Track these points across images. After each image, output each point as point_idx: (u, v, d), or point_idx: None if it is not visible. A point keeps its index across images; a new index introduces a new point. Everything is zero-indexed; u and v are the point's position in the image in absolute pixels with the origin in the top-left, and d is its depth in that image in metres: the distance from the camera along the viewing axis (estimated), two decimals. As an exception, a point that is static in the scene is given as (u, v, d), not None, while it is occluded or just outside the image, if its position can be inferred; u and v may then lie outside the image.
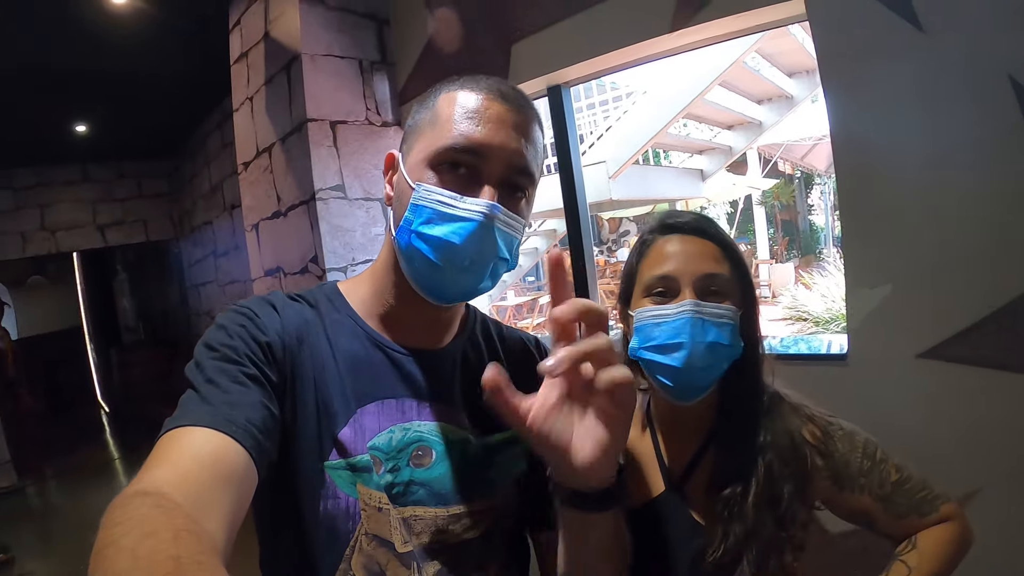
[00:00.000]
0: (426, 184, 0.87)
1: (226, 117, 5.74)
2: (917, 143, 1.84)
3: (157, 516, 0.56)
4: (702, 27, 2.29)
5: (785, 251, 16.94)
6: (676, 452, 1.11)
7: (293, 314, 0.93)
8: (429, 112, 0.92)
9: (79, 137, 6.61)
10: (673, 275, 1.03)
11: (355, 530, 0.88)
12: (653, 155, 11.66)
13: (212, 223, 6.71)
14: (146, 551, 0.50)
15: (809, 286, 8.90)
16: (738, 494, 0.99)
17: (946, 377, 1.82)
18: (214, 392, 0.77)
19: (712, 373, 1.03)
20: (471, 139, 0.86)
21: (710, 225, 1.08)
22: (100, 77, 5.01)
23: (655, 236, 1.10)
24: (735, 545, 0.96)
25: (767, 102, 9.07)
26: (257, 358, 0.84)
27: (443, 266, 0.86)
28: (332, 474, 0.87)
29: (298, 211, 3.23)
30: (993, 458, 1.77)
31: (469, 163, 0.87)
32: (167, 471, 0.66)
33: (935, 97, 1.80)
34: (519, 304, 11.83)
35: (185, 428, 0.72)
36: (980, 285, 1.76)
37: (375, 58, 3.43)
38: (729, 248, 1.07)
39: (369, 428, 0.90)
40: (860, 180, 1.97)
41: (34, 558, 4.81)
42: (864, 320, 1.98)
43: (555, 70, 2.83)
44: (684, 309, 1.00)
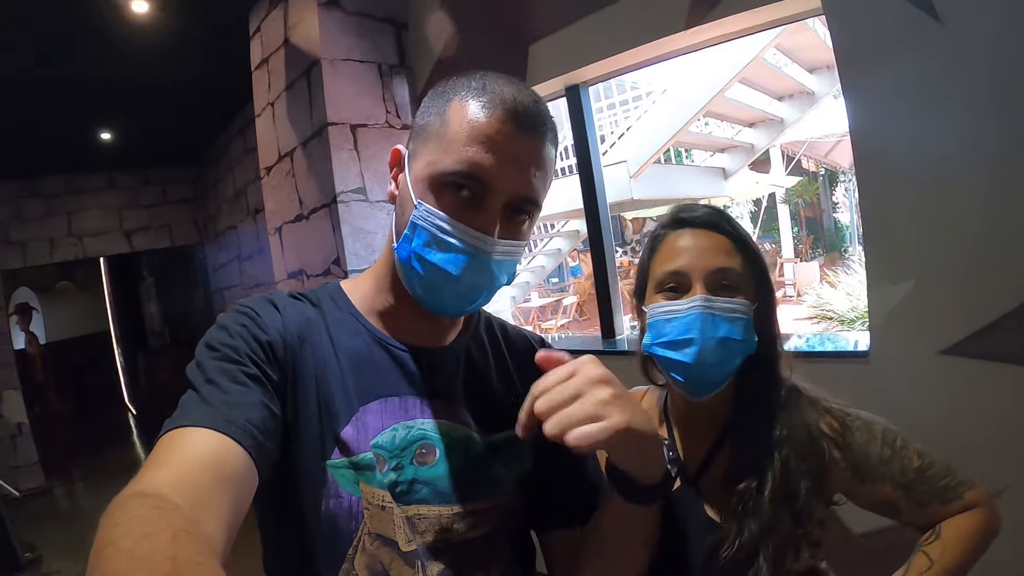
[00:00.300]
0: (428, 205, 0.85)
1: (248, 123, 5.80)
2: (937, 138, 1.82)
3: (155, 517, 0.57)
4: (717, 23, 2.29)
5: (810, 249, 16.78)
6: (691, 447, 1.11)
7: (295, 312, 0.92)
8: (439, 118, 0.87)
9: (105, 145, 6.69)
10: (684, 270, 1.03)
11: (358, 529, 0.86)
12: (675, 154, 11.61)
13: (236, 227, 6.77)
14: (144, 551, 0.51)
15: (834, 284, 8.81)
16: (753, 489, 0.98)
17: (969, 374, 1.80)
18: (214, 392, 0.77)
19: (725, 368, 1.02)
20: (478, 166, 0.82)
21: (722, 219, 1.08)
22: (125, 86, 5.07)
23: (667, 231, 1.09)
24: (750, 541, 0.95)
25: (788, 98, 8.99)
26: (258, 357, 0.83)
27: (439, 289, 0.86)
28: (334, 473, 0.86)
29: (320, 214, 3.26)
30: (1019, 456, 1.74)
31: (473, 188, 0.83)
32: (166, 472, 0.66)
33: (954, 90, 1.78)
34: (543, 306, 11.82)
35: (185, 429, 0.72)
36: (1002, 281, 1.74)
37: (394, 62, 3.45)
38: (742, 241, 1.06)
39: (372, 426, 0.89)
40: (880, 176, 1.95)
41: (61, 558, 4.85)
42: (886, 317, 1.97)
43: (572, 70, 2.84)
44: (694, 305, 1.00)
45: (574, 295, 13.93)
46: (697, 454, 1.09)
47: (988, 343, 1.77)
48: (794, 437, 1.01)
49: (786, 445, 1.00)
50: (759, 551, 0.94)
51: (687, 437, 1.13)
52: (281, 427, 0.82)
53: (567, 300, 12.54)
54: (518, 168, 0.84)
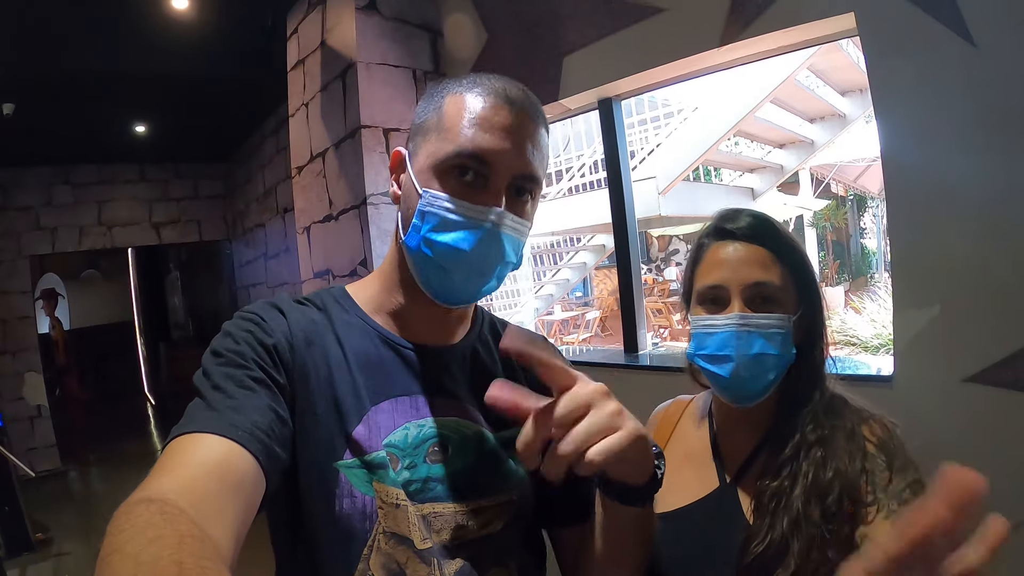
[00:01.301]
0: (433, 191, 0.87)
1: (281, 123, 5.87)
2: (968, 164, 1.81)
3: (161, 522, 0.57)
4: (751, 41, 2.30)
5: (836, 274, 16.63)
6: (733, 449, 1.12)
7: (300, 316, 0.93)
8: (436, 113, 0.91)
9: (138, 138, 6.81)
10: (722, 284, 1.05)
11: (372, 529, 0.86)
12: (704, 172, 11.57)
13: (264, 226, 6.84)
14: (149, 557, 0.51)
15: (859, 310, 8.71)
16: (786, 487, 0.99)
17: (992, 402, 1.78)
18: (220, 398, 0.77)
19: (761, 381, 1.04)
20: (479, 146, 0.86)
21: (764, 228, 1.08)
22: (161, 81, 5.19)
23: (710, 241, 1.11)
24: (780, 537, 0.95)
25: (819, 120, 8.95)
26: (264, 361, 0.84)
27: (451, 271, 0.88)
28: (347, 473, 0.86)
29: (349, 215, 3.29)
30: (1046, 485, 1.72)
31: (476, 169, 0.87)
32: (172, 478, 0.67)
33: (987, 115, 1.78)
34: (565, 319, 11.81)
35: (191, 435, 0.72)
36: (1028, 308, 1.72)
37: (428, 68, 3.48)
38: (784, 252, 1.06)
39: (384, 426, 0.90)
40: (910, 201, 1.95)
41: (71, 540, 4.94)
42: (911, 342, 1.96)
43: (606, 83, 2.85)
44: (730, 323, 1.02)
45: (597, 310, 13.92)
46: (739, 456, 1.11)
47: (1012, 372, 1.75)
48: (832, 439, 1.01)
49: (823, 446, 1.00)
50: (789, 548, 0.94)
51: (730, 438, 1.14)
52: (290, 431, 0.83)
53: (590, 315, 12.51)
54: (516, 146, 0.87)
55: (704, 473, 1.12)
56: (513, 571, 0.95)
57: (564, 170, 9.82)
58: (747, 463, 1.09)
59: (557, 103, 3.05)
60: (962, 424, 1.84)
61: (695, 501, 1.10)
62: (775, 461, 1.03)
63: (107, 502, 5.94)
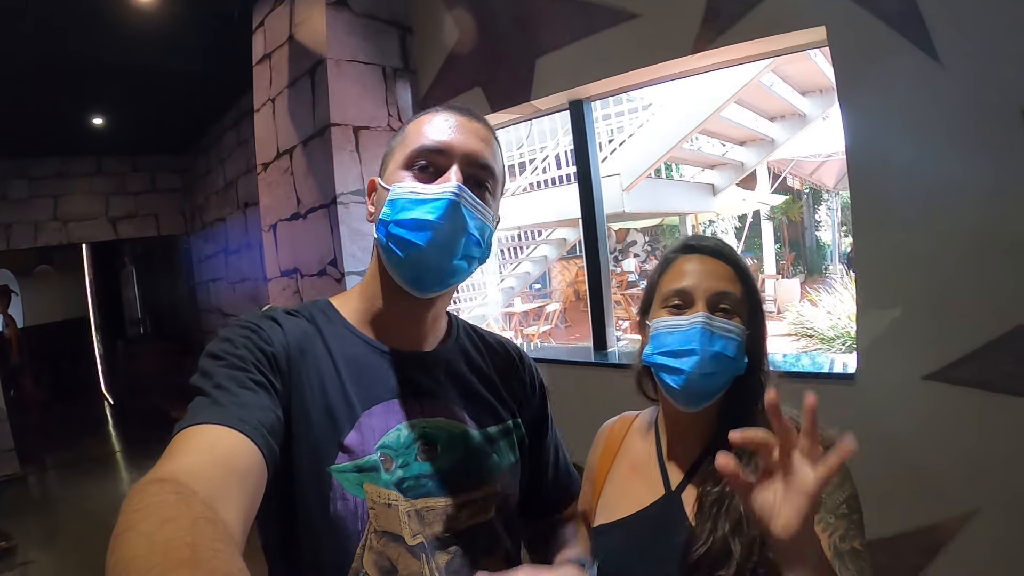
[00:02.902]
0: (400, 183, 0.97)
1: (243, 115, 5.78)
2: (930, 171, 1.89)
3: (175, 503, 0.58)
4: (723, 50, 2.34)
5: (791, 267, 16.95)
6: (677, 459, 1.17)
7: (293, 327, 0.98)
8: (401, 136, 1.03)
9: (95, 130, 6.66)
10: (689, 289, 1.11)
11: (364, 529, 0.91)
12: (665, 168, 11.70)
13: (225, 220, 6.75)
14: (163, 537, 0.52)
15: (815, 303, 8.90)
16: (728, 492, 1.03)
17: (951, 399, 1.87)
18: (224, 395, 0.80)
19: (715, 381, 1.09)
20: (436, 140, 0.97)
21: (728, 249, 1.16)
22: (118, 71, 5.07)
23: (677, 255, 1.17)
24: (722, 540, 1.00)
25: (780, 119, 9.09)
26: (263, 366, 0.88)
27: (422, 244, 0.93)
28: (339, 477, 0.91)
29: (318, 214, 3.27)
30: (994, 481, 1.82)
31: (435, 160, 0.97)
32: (184, 462, 0.69)
33: (949, 128, 1.86)
34: (525, 311, 11.86)
35: (199, 426, 0.75)
36: (987, 310, 1.81)
37: (398, 65, 3.47)
38: (743, 271, 1.14)
39: (377, 428, 0.95)
40: (874, 205, 2.02)
41: (35, 547, 4.81)
42: (874, 341, 2.03)
43: (577, 85, 2.88)
44: (696, 320, 1.07)
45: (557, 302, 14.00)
46: (683, 465, 1.15)
47: (970, 370, 1.83)
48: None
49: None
50: (731, 550, 0.99)
51: (675, 448, 1.18)
52: (283, 434, 0.86)
53: (550, 307, 12.58)
54: (465, 137, 0.99)
55: (651, 482, 1.17)
56: (500, 559, 1.02)
57: (528, 162, 9.84)
58: (691, 471, 1.14)
59: (528, 103, 3.06)
60: (921, 420, 1.93)
61: (642, 508, 1.14)
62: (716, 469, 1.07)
63: (70, 507, 5.83)
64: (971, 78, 1.80)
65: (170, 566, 0.48)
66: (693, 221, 14.24)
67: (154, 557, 0.50)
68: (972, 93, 1.80)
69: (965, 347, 1.84)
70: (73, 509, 5.71)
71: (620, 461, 1.26)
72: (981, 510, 1.83)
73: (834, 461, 0.77)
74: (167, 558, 0.49)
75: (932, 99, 1.87)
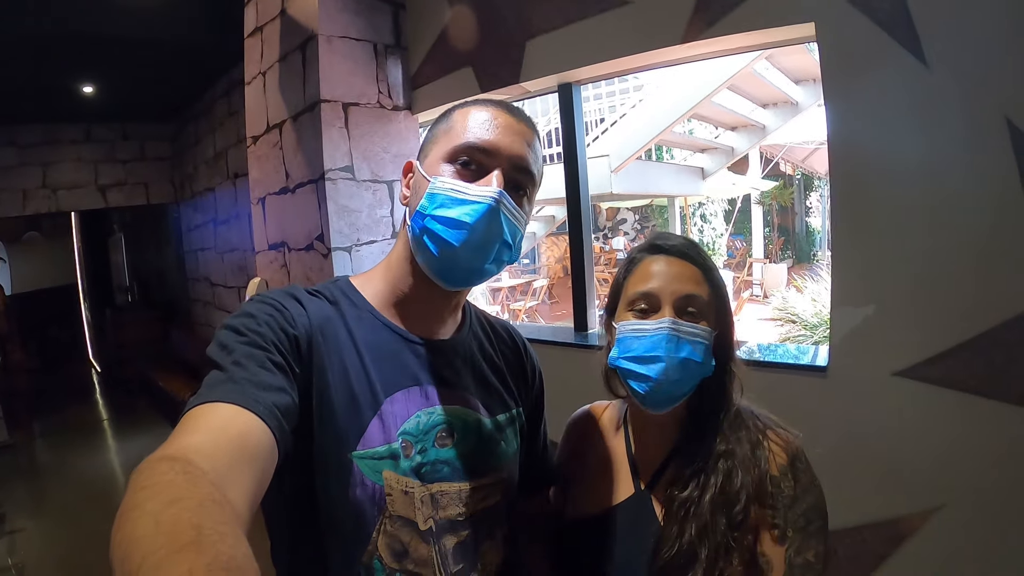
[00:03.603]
0: (441, 176, 0.97)
1: (234, 85, 5.74)
2: (911, 172, 1.92)
3: (182, 483, 0.58)
4: (714, 41, 2.35)
5: (780, 251, 17.00)
6: (647, 457, 1.18)
7: (316, 309, 0.97)
8: (446, 123, 1.03)
9: (85, 97, 6.57)
10: (655, 293, 1.10)
11: (381, 514, 0.93)
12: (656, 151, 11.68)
13: (214, 190, 6.71)
14: (169, 518, 0.52)
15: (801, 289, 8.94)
16: (694, 497, 1.05)
17: (919, 396, 1.91)
18: (241, 373, 0.79)
19: (683, 387, 1.09)
20: (480, 138, 0.97)
21: (695, 250, 1.15)
22: (109, 38, 4.98)
23: (643, 255, 1.16)
24: (689, 543, 1.02)
25: (772, 106, 9.06)
26: (284, 348, 0.88)
27: (456, 245, 0.94)
28: (360, 463, 0.92)
29: (306, 189, 3.28)
30: (959, 478, 1.86)
31: (480, 160, 0.97)
32: (195, 440, 0.68)
33: (932, 130, 1.88)
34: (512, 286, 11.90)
35: (212, 404, 0.74)
36: (959, 312, 1.85)
37: (389, 42, 3.47)
38: (711, 272, 1.14)
39: (399, 415, 0.97)
40: (853, 201, 2.05)
41: (23, 516, 4.83)
42: (846, 336, 2.07)
43: (567, 69, 2.89)
44: (662, 326, 1.07)
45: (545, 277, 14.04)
46: (653, 463, 1.16)
47: (940, 370, 1.87)
48: (737, 452, 1.07)
49: (730, 458, 1.07)
50: (697, 555, 1.01)
51: (644, 446, 1.20)
52: (297, 419, 0.85)
53: (537, 283, 12.62)
54: (511, 140, 0.99)
55: (621, 480, 1.18)
56: (499, 542, 1.07)
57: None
58: (659, 471, 1.15)
59: (517, 85, 3.07)
60: (889, 415, 1.97)
61: (613, 506, 1.16)
62: (685, 471, 1.10)
63: (57, 476, 5.86)
64: (957, 83, 1.82)
65: (175, 547, 0.48)
66: (682, 203, 14.25)
67: (159, 538, 0.49)
68: (957, 98, 1.82)
69: (936, 347, 1.88)
70: (61, 477, 5.75)
71: (589, 457, 1.27)
72: (946, 506, 1.88)
73: None
74: (172, 539, 0.49)
75: (917, 101, 1.89)
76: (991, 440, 1.81)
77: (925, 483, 1.91)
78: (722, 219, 17.61)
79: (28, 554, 4.24)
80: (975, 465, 1.83)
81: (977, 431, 1.83)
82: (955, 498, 1.87)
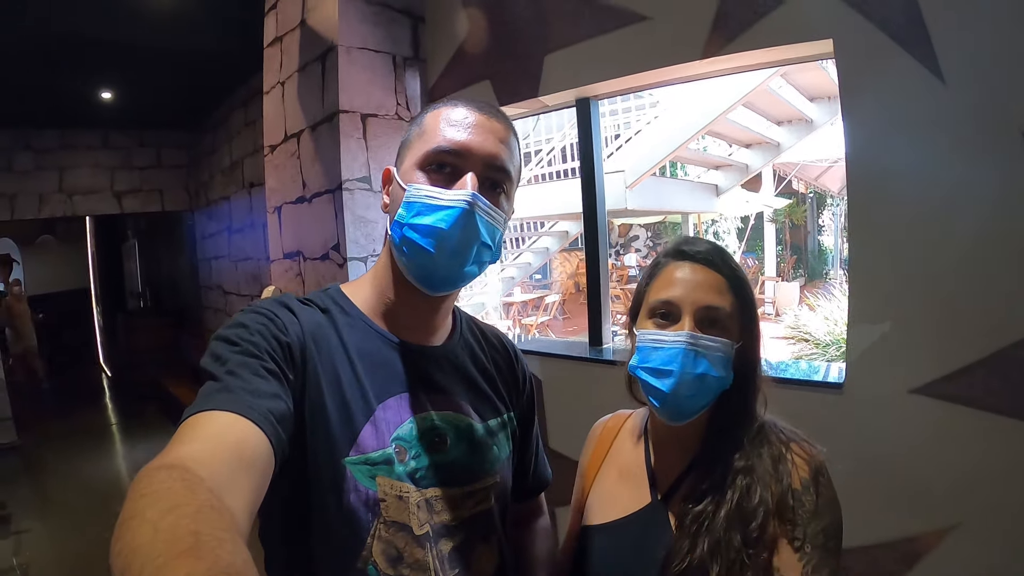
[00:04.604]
0: (415, 183, 0.97)
1: (252, 95, 5.79)
2: (928, 187, 1.92)
3: (180, 490, 0.58)
4: (732, 57, 2.35)
5: (792, 270, 16.94)
6: (665, 467, 1.16)
7: (308, 317, 0.97)
8: (418, 127, 1.02)
9: (103, 104, 6.66)
10: (676, 302, 1.07)
11: (375, 519, 0.92)
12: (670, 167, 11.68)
13: (229, 199, 6.77)
14: (168, 524, 0.52)
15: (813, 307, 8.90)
16: (708, 512, 1.02)
17: (937, 414, 1.89)
18: (236, 382, 0.79)
19: (699, 401, 1.06)
20: (454, 141, 0.97)
21: (721, 257, 1.11)
22: (129, 46, 5.06)
23: (668, 260, 1.13)
24: (700, 558, 0.99)
25: (787, 124, 9.07)
26: (277, 355, 0.88)
27: (433, 252, 0.95)
28: (353, 469, 0.92)
29: (323, 199, 3.29)
30: (976, 496, 1.84)
31: (452, 163, 0.97)
32: (191, 448, 0.68)
33: (949, 145, 1.88)
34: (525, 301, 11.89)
35: (208, 412, 0.74)
36: (975, 329, 1.84)
37: (408, 54, 3.48)
38: (737, 282, 1.10)
39: (392, 421, 0.96)
40: (871, 216, 2.05)
41: (30, 516, 4.85)
42: (863, 353, 2.06)
43: (585, 84, 2.89)
44: (679, 340, 1.04)
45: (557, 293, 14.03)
46: (671, 474, 1.14)
47: (956, 387, 1.86)
48: (757, 468, 1.04)
49: (749, 474, 1.03)
50: (708, 570, 0.98)
51: (663, 456, 1.17)
52: (293, 426, 0.85)
53: (549, 298, 12.61)
54: (484, 138, 0.98)
55: (638, 489, 1.15)
56: (494, 546, 1.07)
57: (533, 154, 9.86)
58: (677, 483, 1.12)
59: (536, 99, 3.08)
60: (906, 432, 1.95)
61: (628, 515, 1.14)
62: (701, 484, 1.07)
63: (64, 478, 5.88)
64: (973, 97, 1.82)
65: (174, 554, 0.49)
66: (696, 220, 14.24)
67: (159, 545, 0.50)
68: (973, 112, 1.82)
69: (953, 363, 1.86)
70: (68, 479, 5.76)
71: (610, 463, 1.25)
72: (961, 524, 1.86)
73: None
74: (171, 546, 0.49)
75: (934, 116, 1.89)
76: (1008, 458, 1.79)
77: (941, 501, 1.89)
78: (735, 237, 17.58)
79: (33, 555, 4.26)
80: (992, 483, 1.81)
81: (994, 449, 1.81)
82: (971, 517, 1.84)
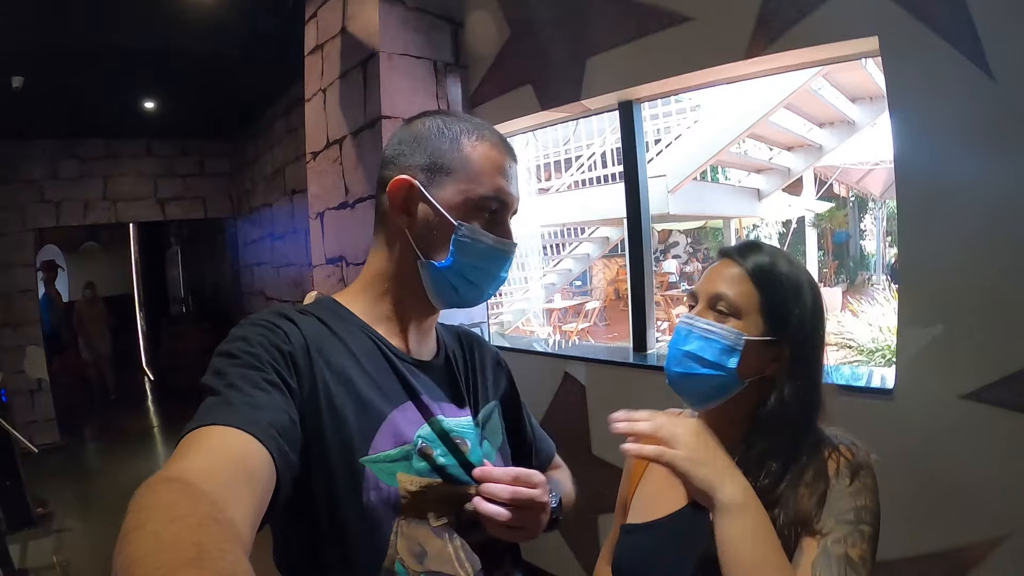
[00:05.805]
0: (469, 224, 1.03)
1: (294, 103, 5.86)
2: (979, 187, 1.87)
3: (183, 502, 0.58)
4: (776, 56, 2.32)
5: (834, 275, 16.69)
6: None
7: (308, 325, 0.97)
8: (458, 155, 1.04)
9: (147, 113, 6.81)
10: (696, 291, 1.17)
11: (397, 516, 0.94)
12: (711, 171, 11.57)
13: (272, 206, 6.85)
14: (170, 536, 0.52)
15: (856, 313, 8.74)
16: None
17: (988, 420, 1.84)
18: (236, 396, 0.79)
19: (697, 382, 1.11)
20: (504, 191, 1.05)
21: (750, 250, 1.15)
22: (172, 55, 5.17)
23: (716, 259, 1.21)
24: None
25: (829, 126, 8.92)
26: (279, 365, 0.88)
27: (487, 290, 1.08)
28: (373, 467, 0.93)
29: (366, 204, 3.31)
30: (1024, 505, 1.79)
31: (497, 207, 1.05)
32: (193, 461, 0.68)
33: (1000, 143, 1.83)
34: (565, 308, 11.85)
35: (209, 427, 0.74)
36: (1026, 333, 1.78)
37: (449, 60, 3.50)
38: (759, 273, 1.10)
39: (412, 420, 1.00)
40: (921, 217, 2.01)
41: (71, 515, 4.95)
42: (913, 357, 2.02)
43: (628, 87, 2.88)
44: (680, 319, 1.15)
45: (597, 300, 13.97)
46: None
47: (1009, 392, 1.81)
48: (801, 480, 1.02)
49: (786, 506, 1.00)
50: None
51: None
52: (299, 436, 0.85)
53: (589, 305, 12.55)
54: (517, 188, 1.10)
55: (679, 491, 1.13)
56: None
57: (573, 159, 9.83)
58: None
59: (578, 103, 3.07)
60: (957, 438, 1.91)
61: (666, 515, 1.15)
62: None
63: (105, 478, 6.00)
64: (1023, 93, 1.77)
65: (176, 565, 0.49)
66: (737, 225, 14.09)
67: (161, 556, 0.50)
68: (1024, 109, 1.78)
69: (1005, 368, 1.82)
70: (108, 481, 5.88)
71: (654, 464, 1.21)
72: (1012, 535, 1.80)
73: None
74: (174, 557, 0.50)
75: (983, 113, 1.85)
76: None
77: (991, 510, 1.84)
78: (776, 242, 17.35)
79: (73, 553, 4.32)
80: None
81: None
82: (1022, 527, 1.79)
